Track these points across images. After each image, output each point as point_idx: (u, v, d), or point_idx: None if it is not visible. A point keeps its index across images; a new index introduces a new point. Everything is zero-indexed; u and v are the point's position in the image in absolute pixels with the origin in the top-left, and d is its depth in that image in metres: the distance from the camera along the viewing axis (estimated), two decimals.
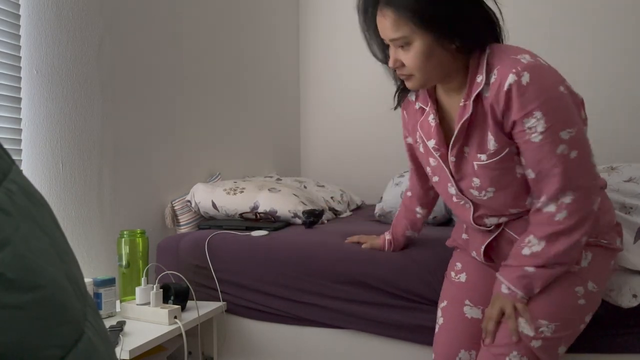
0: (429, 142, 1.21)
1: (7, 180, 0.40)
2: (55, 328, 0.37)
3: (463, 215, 1.25)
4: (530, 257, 1.08)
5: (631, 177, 1.54)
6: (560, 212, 1.05)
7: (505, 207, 1.17)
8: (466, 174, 1.17)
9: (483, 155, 1.12)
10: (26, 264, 0.36)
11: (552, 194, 1.05)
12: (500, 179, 1.13)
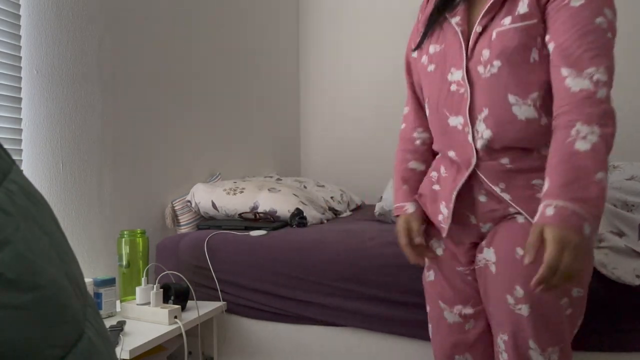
0: (453, 19, 1.09)
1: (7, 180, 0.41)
2: (55, 328, 0.37)
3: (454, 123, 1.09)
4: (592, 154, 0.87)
5: (633, 175, 1.55)
6: (599, 89, 0.90)
7: (504, 96, 1.01)
8: (479, 49, 1.04)
9: (508, 18, 1.00)
10: (26, 264, 0.36)
11: (585, 64, 0.91)
12: (511, 53, 1.00)
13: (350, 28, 3.17)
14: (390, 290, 1.49)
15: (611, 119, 0.90)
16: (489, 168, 1.05)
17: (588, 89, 0.90)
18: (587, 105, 0.89)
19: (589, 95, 0.89)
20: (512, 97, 1.00)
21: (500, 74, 1.01)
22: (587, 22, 0.92)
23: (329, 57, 3.29)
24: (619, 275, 1.27)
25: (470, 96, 1.05)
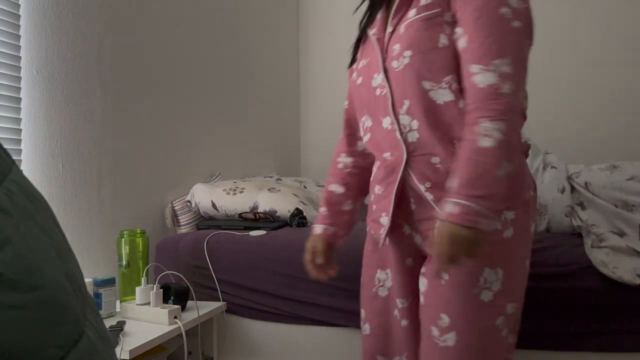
0: (372, 31, 1.14)
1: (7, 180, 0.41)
2: (55, 328, 0.37)
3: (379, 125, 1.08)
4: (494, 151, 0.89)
5: (633, 175, 1.55)
6: (504, 83, 0.90)
7: (418, 83, 1.00)
8: (391, 46, 1.05)
9: (413, 10, 1.02)
10: (26, 264, 0.36)
11: (490, 57, 0.91)
12: (420, 41, 0.99)
13: (351, 28, 3.17)
14: None
15: (516, 113, 0.90)
16: (418, 164, 1.03)
17: (492, 84, 0.90)
18: (491, 100, 0.89)
19: (494, 90, 0.89)
20: (427, 83, 0.99)
21: (411, 63, 1.00)
22: (491, 14, 0.92)
23: (329, 57, 3.29)
24: (620, 274, 1.27)
25: (391, 93, 1.04)
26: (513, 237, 0.97)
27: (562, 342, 1.34)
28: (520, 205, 0.98)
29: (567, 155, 2.50)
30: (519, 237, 0.98)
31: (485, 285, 0.94)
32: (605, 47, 2.60)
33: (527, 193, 1.00)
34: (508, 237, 0.96)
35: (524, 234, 0.99)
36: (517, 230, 0.98)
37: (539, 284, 1.34)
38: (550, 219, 1.66)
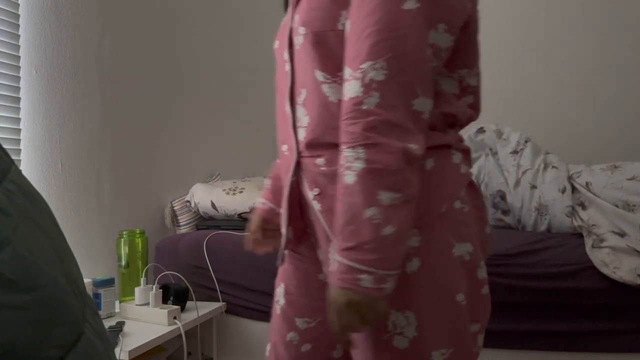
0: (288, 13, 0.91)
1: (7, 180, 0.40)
2: (54, 328, 0.37)
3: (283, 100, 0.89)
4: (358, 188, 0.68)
5: (634, 175, 1.55)
6: (368, 95, 0.67)
7: (311, 71, 0.80)
8: (295, 14, 0.84)
9: None
10: (25, 264, 0.36)
11: (359, 60, 0.68)
12: (315, 18, 0.78)
13: None
14: None
15: (385, 130, 0.67)
16: (308, 166, 0.83)
17: (356, 97, 0.68)
18: (349, 120, 0.68)
19: (353, 106, 0.68)
20: (320, 73, 0.78)
21: (305, 44, 0.80)
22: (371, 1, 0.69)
23: None
24: (621, 275, 1.26)
25: (293, 75, 0.85)
26: (421, 270, 0.72)
27: (562, 342, 1.34)
28: (431, 226, 0.73)
29: (568, 156, 2.50)
30: (430, 269, 0.72)
31: (396, 330, 0.73)
32: (606, 47, 2.60)
33: (441, 206, 0.74)
34: (412, 271, 0.72)
35: (442, 262, 0.73)
36: (428, 260, 0.72)
37: (539, 284, 1.34)
38: (551, 219, 1.66)
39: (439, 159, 0.76)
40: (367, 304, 0.67)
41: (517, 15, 2.74)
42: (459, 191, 0.77)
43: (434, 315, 0.73)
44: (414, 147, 0.68)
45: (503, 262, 1.39)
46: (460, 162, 0.79)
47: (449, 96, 0.79)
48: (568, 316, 1.34)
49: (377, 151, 0.67)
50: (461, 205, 0.76)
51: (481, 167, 1.88)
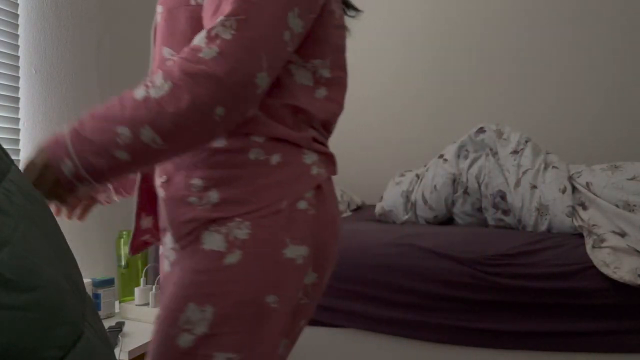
0: None
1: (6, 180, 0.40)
2: (54, 329, 0.37)
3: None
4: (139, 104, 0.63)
5: (635, 175, 1.55)
6: (210, 47, 0.63)
7: (160, 47, 0.76)
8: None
9: None
10: (25, 265, 0.36)
11: (214, 18, 0.66)
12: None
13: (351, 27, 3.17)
14: (391, 291, 1.49)
15: (199, 83, 0.62)
16: None
17: (197, 45, 0.64)
18: (181, 59, 0.64)
19: (191, 51, 0.64)
20: (167, 50, 0.74)
21: (160, 22, 0.76)
22: None
23: None
24: (621, 275, 1.26)
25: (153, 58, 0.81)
26: (241, 264, 0.68)
27: (562, 342, 1.34)
28: (264, 221, 0.69)
29: (568, 156, 2.50)
30: (250, 265, 0.68)
31: (185, 326, 0.67)
32: (606, 47, 2.60)
33: (281, 203, 0.70)
34: (231, 263, 0.67)
35: (266, 261, 0.69)
36: (250, 256, 0.68)
37: (539, 284, 1.34)
38: (551, 219, 1.66)
39: (287, 156, 0.73)
40: (53, 182, 0.64)
41: (516, 15, 2.74)
42: (304, 191, 0.73)
43: (235, 314, 0.68)
44: (220, 111, 0.63)
45: (503, 262, 1.39)
46: (312, 164, 0.75)
47: (301, 88, 0.75)
48: (568, 316, 1.34)
49: (181, 96, 0.62)
50: (307, 206, 0.73)
51: (481, 167, 1.88)
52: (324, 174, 0.76)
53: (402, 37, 3.02)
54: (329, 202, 0.77)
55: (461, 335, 1.39)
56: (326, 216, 0.75)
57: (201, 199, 0.70)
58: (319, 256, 0.74)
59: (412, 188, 2.04)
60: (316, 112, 0.76)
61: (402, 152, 3.01)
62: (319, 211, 0.74)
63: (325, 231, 0.75)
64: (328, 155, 0.79)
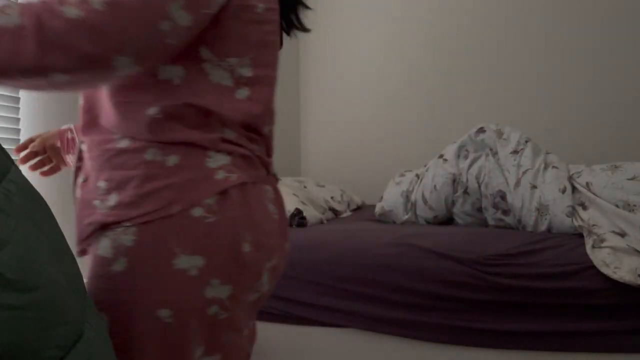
0: None
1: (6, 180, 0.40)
2: (54, 328, 0.37)
3: None
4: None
5: (634, 175, 1.55)
6: (77, 7, 0.58)
7: None
8: None
9: None
10: (25, 265, 0.36)
11: None
12: None
13: (351, 28, 3.17)
14: (391, 291, 1.49)
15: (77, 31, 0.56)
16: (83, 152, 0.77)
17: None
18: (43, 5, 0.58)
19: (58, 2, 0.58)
20: None
21: None
22: None
23: (329, 57, 3.29)
24: (621, 275, 1.26)
25: None
26: (126, 272, 0.65)
27: (562, 342, 1.34)
28: (151, 227, 0.65)
29: (568, 156, 2.50)
30: (135, 274, 0.65)
31: None
32: (606, 47, 2.60)
33: (170, 208, 0.66)
34: (117, 271, 0.65)
35: (152, 270, 0.65)
36: (135, 264, 0.65)
37: (539, 284, 1.34)
38: (551, 219, 1.66)
39: (186, 158, 0.68)
40: None
41: (517, 15, 2.74)
42: (202, 197, 0.67)
43: (128, 324, 0.65)
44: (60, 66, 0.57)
45: (503, 262, 1.39)
46: (219, 168, 0.69)
47: (217, 88, 0.71)
48: (568, 316, 1.34)
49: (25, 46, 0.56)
50: (204, 214, 0.67)
51: (481, 167, 1.89)
52: (234, 179, 0.70)
53: (402, 37, 3.02)
54: (240, 209, 0.70)
55: (461, 335, 1.39)
56: (233, 224, 0.69)
57: (103, 202, 0.68)
58: (226, 267, 0.68)
59: (412, 188, 2.04)
60: (229, 113, 0.71)
61: (402, 152, 3.01)
62: (222, 219, 0.68)
63: (234, 240, 0.69)
64: (248, 158, 0.73)
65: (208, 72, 0.71)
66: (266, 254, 0.74)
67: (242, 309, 0.73)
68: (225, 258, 0.68)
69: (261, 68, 0.75)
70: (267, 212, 0.74)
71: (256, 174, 0.74)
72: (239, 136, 0.73)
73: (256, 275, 0.73)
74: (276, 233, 0.77)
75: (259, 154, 0.76)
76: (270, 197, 0.77)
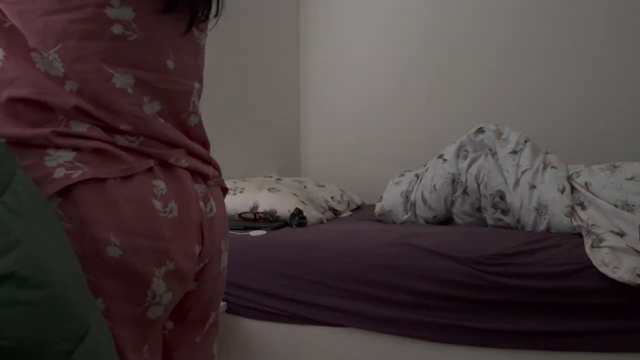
0: None
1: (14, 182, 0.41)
2: (64, 323, 0.39)
3: None
4: None
5: (634, 175, 1.56)
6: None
7: None
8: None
9: None
10: (36, 263, 0.37)
11: None
12: None
13: (351, 28, 3.18)
14: (391, 290, 1.49)
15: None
16: None
17: None
18: None
19: None
20: None
21: None
22: None
23: (329, 56, 3.29)
24: (620, 274, 1.27)
25: None
26: None
27: (561, 341, 1.35)
28: None
29: (567, 155, 2.50)
30: None
31: None
32: (606, 47, 2.60)
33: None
34: None
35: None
36: None
37: (538, 284, 1.35)
38: (551, 218, 1.66)
39: (24, 160, 0.61)
40: None
41: (517, 15, 2.75)
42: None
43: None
44: None
45: (503, 262, 1.39)
46: (59, 165, 0.61)
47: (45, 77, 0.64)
48: (567, 316, 1.34)
49: None
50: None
51: (480, 167, 1.89)
52: (76, 176, 0.61)
53: (402, 37, 3.02)
54: (94, 209, 0.61)
55: (460, 334, 1.40)
56: (88, 226, 0.61)
57: None
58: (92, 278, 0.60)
59: (411, 188, 2.05)
60: (60, 102, 0.64)
61: (402, 152, 3.02)
62: (69, 223, 0.60)
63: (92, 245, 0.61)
64: (106, 151, 0.64)
65: (35, 62, 0.64)
66: (151, 259, 0.65)
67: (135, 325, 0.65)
68: (86, 268, 0.58)
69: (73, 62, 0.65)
70: (148, 210, 0.65)
71: (126, 168, 0.64)
72: (91, 128, 0.64)
73: (138, 283, 0.64)
74: (170, 234, 0.67)
75: (129, 145, 0.66)
76: (159, 193, 0.67)
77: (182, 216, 0.69)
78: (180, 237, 0.69)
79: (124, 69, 0.67)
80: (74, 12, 0.64)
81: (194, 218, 0.71)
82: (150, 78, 0.70)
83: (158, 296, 0.66)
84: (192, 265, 0.72)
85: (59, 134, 0.62)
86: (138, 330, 0.66)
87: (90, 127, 0.64)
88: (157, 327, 0.70)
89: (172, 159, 0.70)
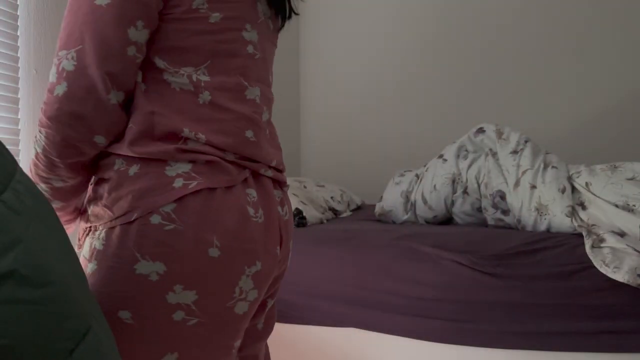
0: None
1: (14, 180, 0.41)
2: (65, 322, 0.39)
3: None
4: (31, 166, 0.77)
5: (634, 175, 1.56)
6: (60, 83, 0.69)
7: None
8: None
9: None
10: (37, 261, 0.37)
11: (58, 47, 0.72)
12: None
13: (351, 28, 3.18)
14: (391, 290, 1.49)
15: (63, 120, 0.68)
16: None
17: (51, 83, 0.69)
18: (43, 104, 0.70)
19: (48, 92, 0.70)
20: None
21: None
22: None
23: (329, 56, 3.29)
24: (621, 275, 1.27)
25: None
26: (95, 274, 0.71)
27: (561, 341, 1.35)
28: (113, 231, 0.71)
29: (568, 156, 2.51)
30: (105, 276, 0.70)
31: None
32: (606, 47, 2.61)
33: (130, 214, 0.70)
34: (92, 270, 0.72)
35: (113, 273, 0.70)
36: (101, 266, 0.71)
37: (538, 284, 1.35)
38: (551, 219, 1.66)
39: (146, 166, 0.71)
40: None
41: (517, 15, 2.75)
42: (158, 205, 0.69)
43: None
44: (100, 139, 0.71)
45: (503, 262, 1.39)
46: (176, 176, 0.71)
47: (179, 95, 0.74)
48: (568, 316, 1.34)
49: (47, 142, 0.71)
50: (162, 222, 0.69)
51: (481, 167, 1.89)
52: (193, 186, 0.71)
53: (402, 38, 3.02)
54: (201, 215, 0.70)
55: (460, 335, 1.40)
56: (195, 230, 0.70)
57: (90, 207, 0.75)
58: (189, 273, 0.70)
59: (411, 188, 2.05)
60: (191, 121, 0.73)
61: (402, 152, 3.02)
62: (181, 226, 0.69)
63: (197, 246, 0.70)
64: (215, 163, 0.73)
65: (170, 82, 0.74)
66: (243, 259, 0.73)
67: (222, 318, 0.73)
68: (188, 264, 0.69)
69: (220, 75, 0.76)
70: (243, 216, 0.73)
71: (228, 179, 0.74)
72: (196, 143, 0.73)
73: (228, 281, 0.73)
74: (259, 237, 0.75)
75: (231, 159, 0.75)
76: (251, 201, 0.76)
77: (268, 220, 0.78)
78: (266, 240, 0.77)
79: (255, 83, 0.81)
80: (219, 35, 0.75)
81: (275, 222, 0.80)
82: (266, 91, 0.84)
83: (244, 293, 0.75)
84: (275, 265, 0.81)
85: (180, 150, 0.72)
86: (234, 326, 0.76)
87: (203, 142, 0.74)
88: (244, 322, 0.78)
89: (262, 169, 0.80)
